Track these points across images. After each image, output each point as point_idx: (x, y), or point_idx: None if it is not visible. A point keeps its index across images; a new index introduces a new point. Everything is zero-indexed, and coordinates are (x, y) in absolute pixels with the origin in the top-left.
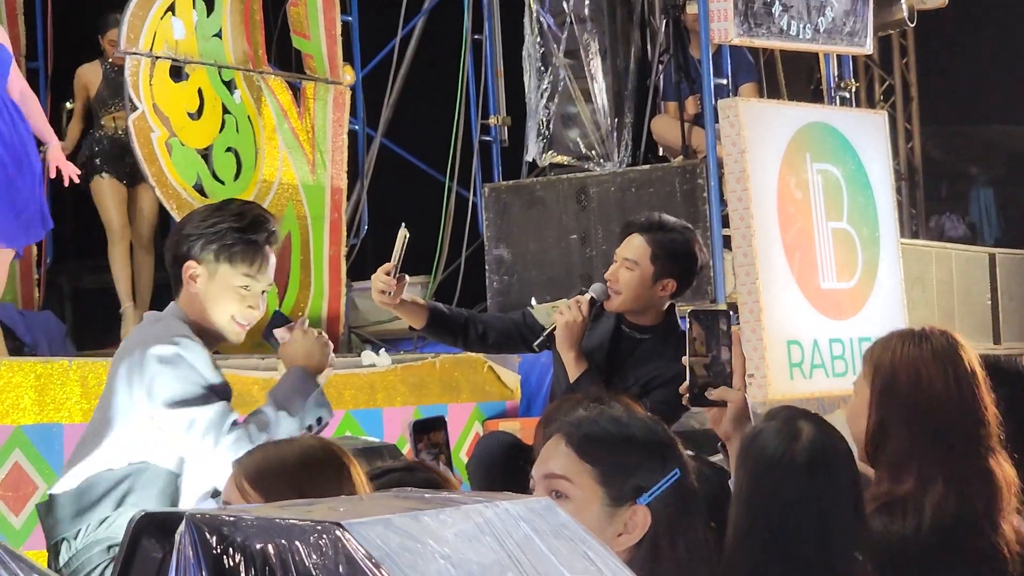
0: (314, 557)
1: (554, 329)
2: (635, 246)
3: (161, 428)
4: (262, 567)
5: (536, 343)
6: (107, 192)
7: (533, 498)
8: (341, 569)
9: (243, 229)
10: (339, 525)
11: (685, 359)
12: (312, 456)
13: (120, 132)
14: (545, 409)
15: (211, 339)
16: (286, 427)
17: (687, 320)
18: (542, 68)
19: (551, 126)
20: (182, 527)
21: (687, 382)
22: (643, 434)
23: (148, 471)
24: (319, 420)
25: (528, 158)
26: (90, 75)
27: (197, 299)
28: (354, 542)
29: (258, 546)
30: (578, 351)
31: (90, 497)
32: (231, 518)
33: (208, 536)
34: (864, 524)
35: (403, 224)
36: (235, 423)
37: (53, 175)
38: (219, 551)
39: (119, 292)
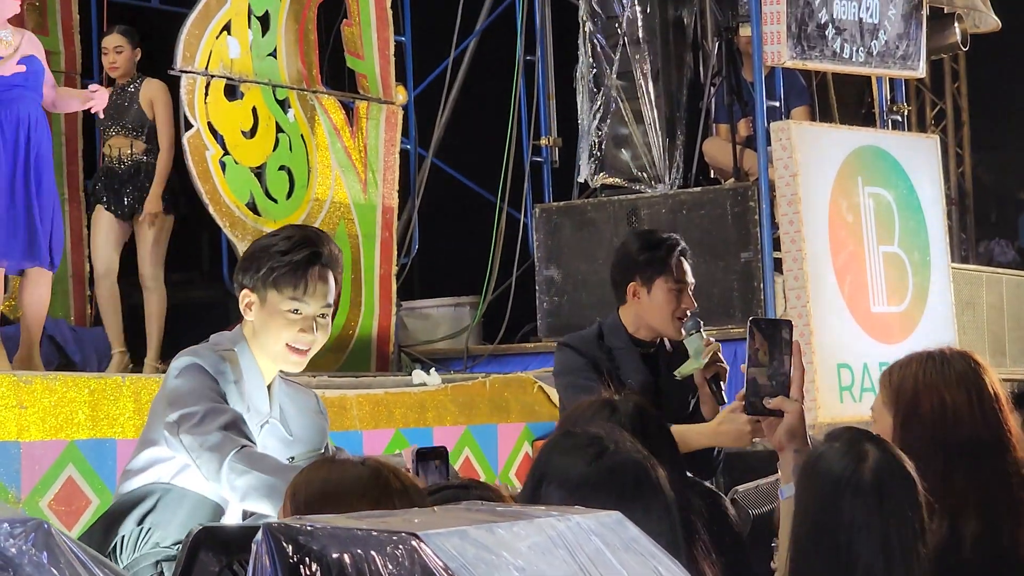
0: (390, 567)
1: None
2: (689, 268)
3: (171, 434)
4: None
5: (719, 400)
6: (99, 227)
7: (604, 512)
8: None
9: (286, 251)
10: (415, 535)
11: (744, 367)
12: (358, 481)
13: (114, 161)
14: (561, 417)
15: (274, 366)
16: (265, 489)
17: (748, 329)
18: (595, 89)
19: (603, 147)
20: (259, 536)
21: (744, 390)
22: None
23: (172, 492)
24: None
25: (580, 179)
26: None
27: (254, 328)
28: (430, 552)
29: (334, 555)
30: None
31: (114, 514)
32: (308, 527)
33: (285, 545)
34: (926, 546)
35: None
36: (232, 427)
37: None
38: (295, 560)
39: (109, 335)
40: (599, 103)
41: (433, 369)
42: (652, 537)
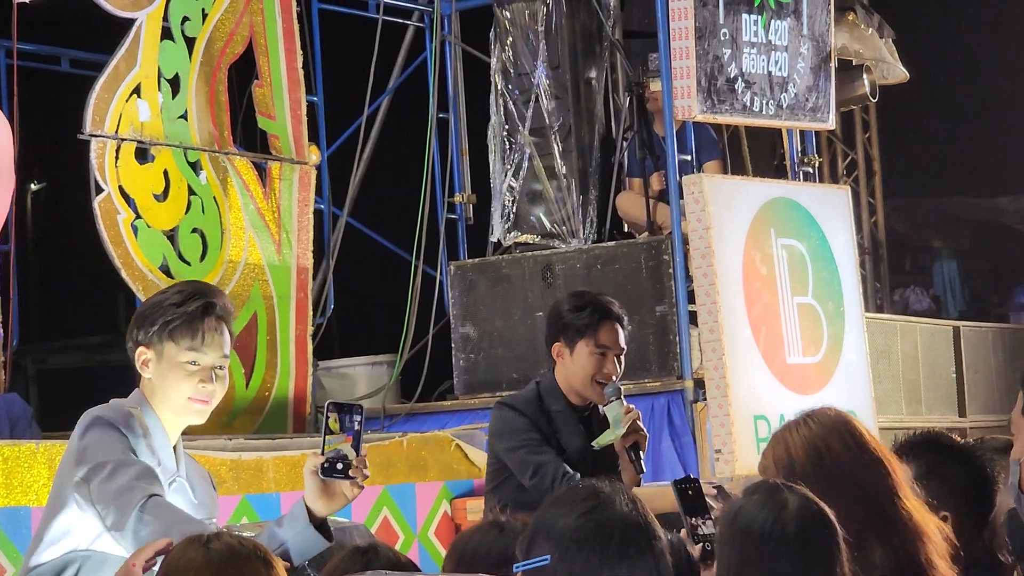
0: None
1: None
2: (621, 335)
3: (81, 494)
4: None
5: (638, 470)
6: None
7: None
8: None
9: (180, 303)
10: None
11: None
12: (192, 564)
13: None
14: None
15: (178, 422)
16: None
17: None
18: (507, 146)
19: (516, 204)
20: None
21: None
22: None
23: (93, 558)
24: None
25: (493, 239)
26: None
27: (152, 384)
28: None
29: None
30: None
31: None
32: None
33: None
34: None
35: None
36: (143, 477)
37: None
38: None
39: None
40: (512, 160)
41: None
42: None
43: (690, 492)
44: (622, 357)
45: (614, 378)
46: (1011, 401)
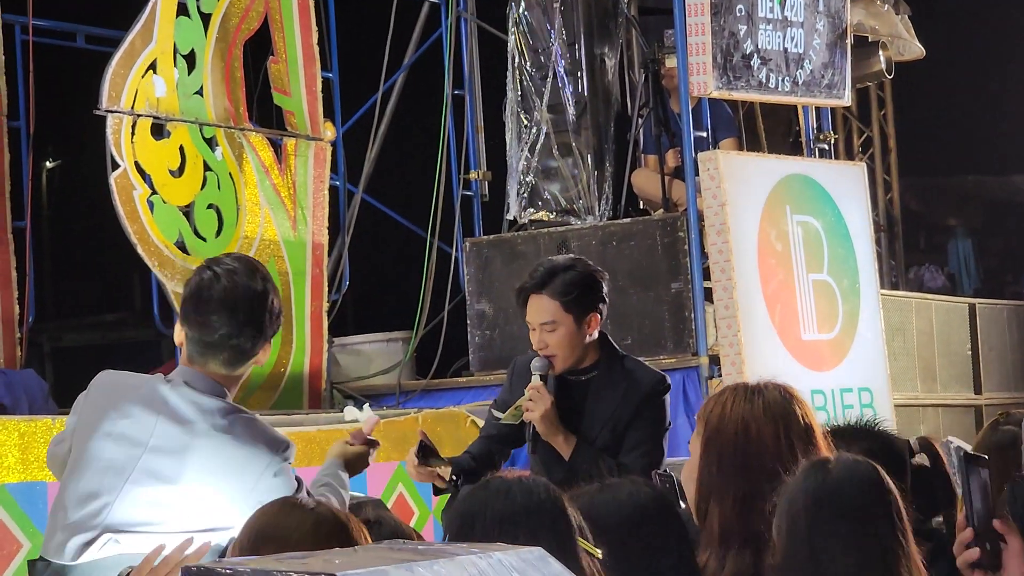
0: None
1: (534, 427)
2: (542, 308)
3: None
4: None
5: (530, 450)
6: None
7: (526, 548)
8: None
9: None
10: None
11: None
12: (299, 527)
13: None
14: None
15: None
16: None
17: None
18: (523, 123)
19: (532, 181)
20: None
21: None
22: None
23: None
24: None
25: (509, 216)
26: None
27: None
28: None
29: None
30: (564, 432)
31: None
32: (228, 571)
33: None
34: (695, 562)
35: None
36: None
37: None
38: None
39: None
40: (528, 137)
41: (366, 405)
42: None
43: (667, 486)
44: (550, 327)
45: (546, 352)
46: None
